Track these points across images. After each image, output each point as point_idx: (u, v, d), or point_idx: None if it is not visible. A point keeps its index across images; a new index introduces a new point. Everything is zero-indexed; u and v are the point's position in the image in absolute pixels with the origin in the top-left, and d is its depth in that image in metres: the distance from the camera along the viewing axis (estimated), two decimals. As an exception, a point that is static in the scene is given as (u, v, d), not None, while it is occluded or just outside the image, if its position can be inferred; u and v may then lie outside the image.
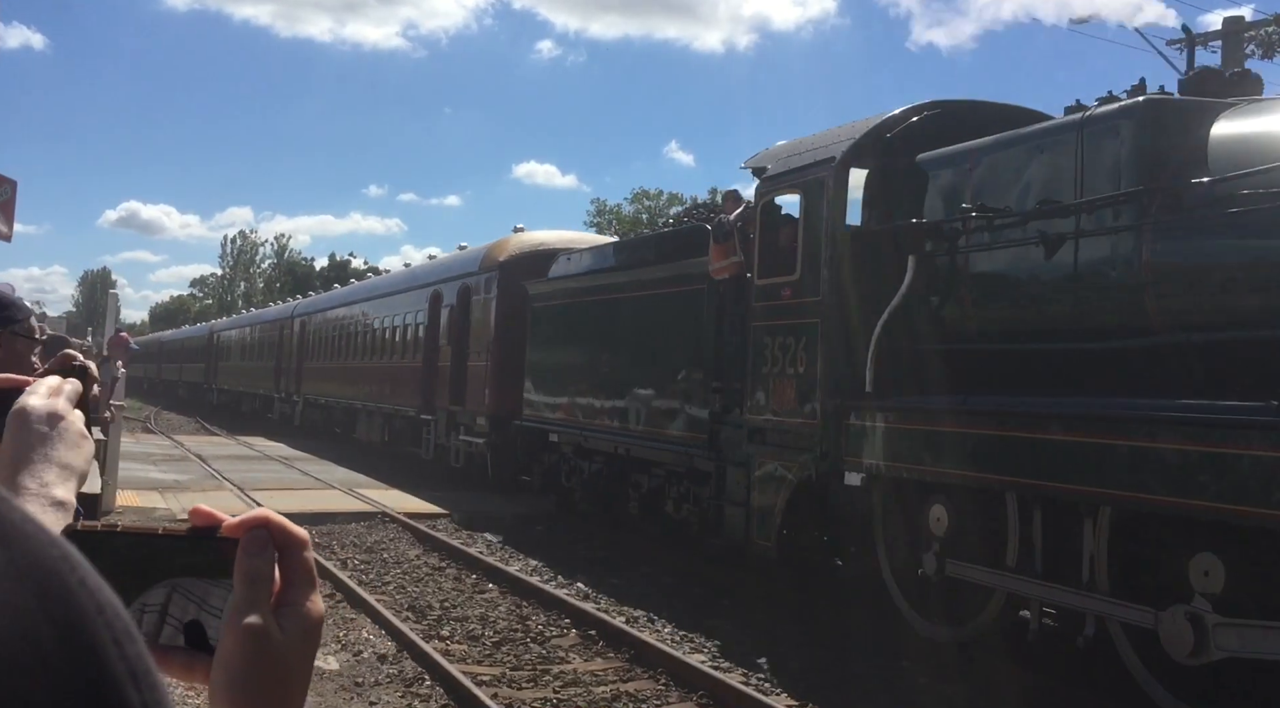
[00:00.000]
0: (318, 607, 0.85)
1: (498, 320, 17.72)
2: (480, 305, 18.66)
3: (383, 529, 14.16)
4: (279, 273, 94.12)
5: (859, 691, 7.60)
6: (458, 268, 20.59)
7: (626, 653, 8.36)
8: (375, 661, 8.04)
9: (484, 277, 18.63)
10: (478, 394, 17.91)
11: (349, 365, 27.35)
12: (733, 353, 10.99)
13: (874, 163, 9.54)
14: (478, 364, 18.17)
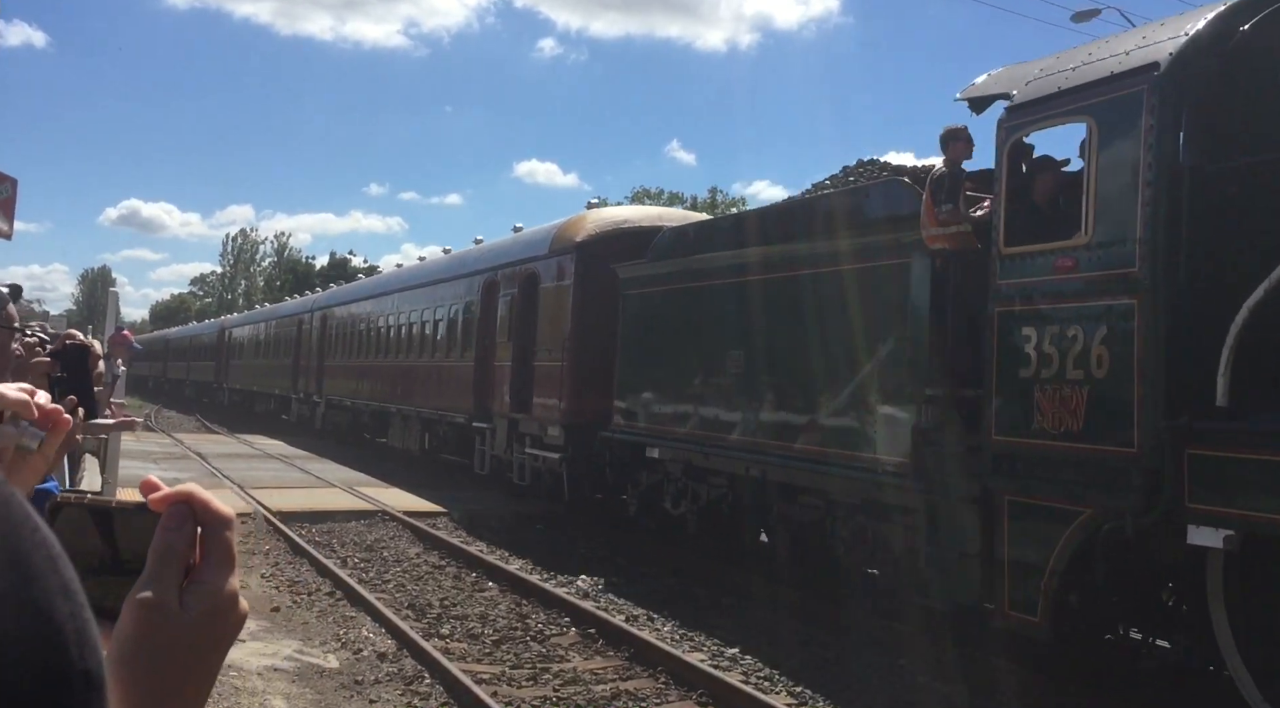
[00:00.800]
0: (232, 589, 0.81)
1: (576, 312, 14.84)
2: (551, 295, 15.65)
3: (383, 527, 14.17)
4: (279, 271, 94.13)
5: (858, 689, 7.62)
6: (519, 251, 17.54)
7: (626, 652, 8.37)
8: (375, 659, 8.05)
9: (555, 260, 15.65)
10: (549, 400, 15.06)
11: (381, 364, 24.62)
12: (956, 349, 8.14)
13: (1212, 71, 6.74)
14: (549, 364, 15.25)
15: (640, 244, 13.91)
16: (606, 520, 14.08)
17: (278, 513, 14.39)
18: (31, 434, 1.25)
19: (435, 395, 20.45)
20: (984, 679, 7.64)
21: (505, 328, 17.25)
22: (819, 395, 9.72)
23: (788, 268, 10.42)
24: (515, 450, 16.17)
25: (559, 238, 15.89)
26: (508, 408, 16.52)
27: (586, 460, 14.26)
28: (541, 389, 15.41)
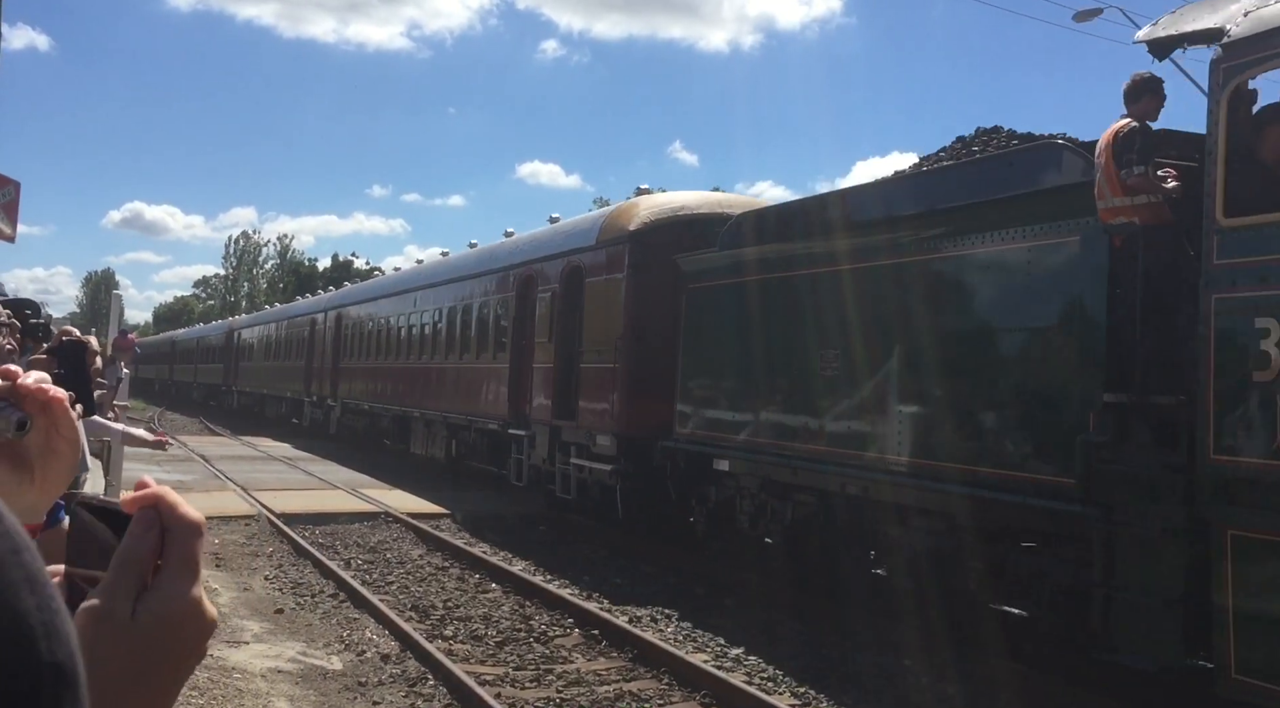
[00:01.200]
0: (191, 599, 0.76)
1: (630, 308, 13.29)
2: (600, 290, 14.12)
3: (386, 529, 14.18)
4: (282, 273, 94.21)
5: (861, 690, 7.62)
6: (561, 243, 15.92)
7: (629, 653, 8.37)
8: (379, 660, 8.05)
9: (604, 252, 14.16)
10: (600, 406, 13.61)
11: (402, 366, 22.94)
12: (1153, 346, 6.66)
13: None
14: (599, 367, 13.73)
15: (699, 233, 12.83)
16: (666, 540, 12.81)
17: (281, 515, 14.39)
18: (5, 414, 1.08)
19: (464, 400, 18.99)
20: (987, 680, 7.64)
21: (545, 327, 15.59)
22: (946, 401, 8.22)
23: (905, 252, 8.88)
24: (559, 461, 14.68)
25: (609, 227, 14.34)
26: (549, 414, 15.02)
27: (643, 473, 12.81)
28: (590, 394, 13.95)
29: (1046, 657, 7.83)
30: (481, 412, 17.96)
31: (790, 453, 10.02)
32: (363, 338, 26.56)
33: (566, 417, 14.56)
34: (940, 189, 9.05)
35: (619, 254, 13.75)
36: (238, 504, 15.44)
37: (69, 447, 1.12)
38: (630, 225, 13.78)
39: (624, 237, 13.75)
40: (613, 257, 13.91)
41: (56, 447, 1.11)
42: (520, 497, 16.98)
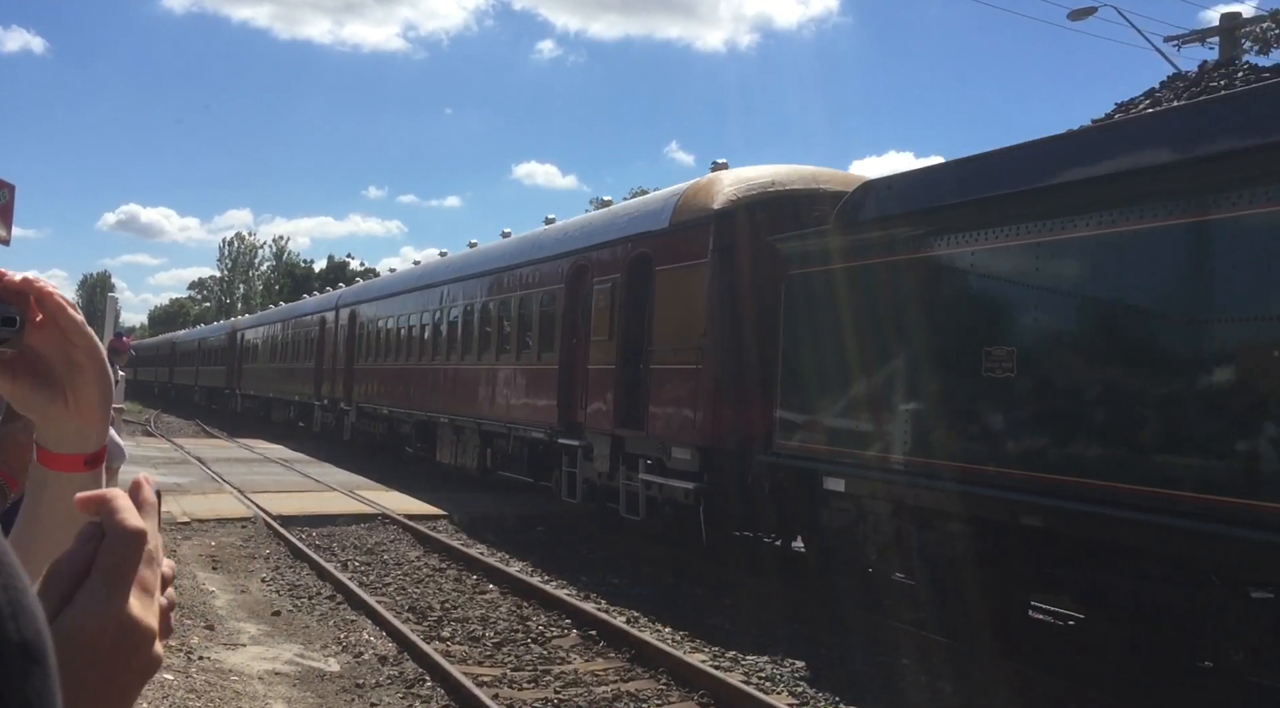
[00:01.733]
0: (110, 615, 0.69)
1: (717, 299, 11.46)
2: (677, 279, 12.24)
3: (383, 531, 14.17)
4: (278, 275, 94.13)
5: (859, 689, 7.62)
6: (624, 227, 14.00)
7: (627, 653, 8.37)
8: (376, 662, 8.05)
9: (682, 235, 12.30)
10: (677, 413, 11.86)
11: (427, 368, 21.04)
12: None
13: None
14: (676, 368, 11.93)
15: (794, 212, 11.15)
16: (757, 571, 10.96)
17: (278, 517, 14.38)
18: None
19: (501, 405, 17.08)
20: (985, 679, 7.65)
21: (604, 322, 13.72)
22: (1182, 412, 6.46)
23: (1127, 219, 6.91)
24: (622, 475, 12.96)
25: (687, 207, 12.49)
26: (610, 422, 13.26)
27: (733, 492, 11.09)
28: (663, 399, 12.16)
29: (1044, 654, 7.84)
30: (524, 418, 16.11)
31: (937, 473, 8.13)
32: (381, 337, 24.76)
33: (632, 425, 12.84)
34: (1210, 128, 6.79)
35: (700, 237, 11.90)
36: (234, 506, 15.42)
37: (89, 358, 1.05)
38: (714, 203, 11.90)
39: (707, 216, 11.88)
40: (692, 240, 12.06)
41: (76, 358, 1.04)
42: (518, 499, 16.97)
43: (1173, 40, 20.69)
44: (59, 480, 1.07)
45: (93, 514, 0.74)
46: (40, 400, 1.05)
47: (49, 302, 1.02)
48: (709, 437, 11.31)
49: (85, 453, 1.08)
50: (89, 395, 1.06)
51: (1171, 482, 6.42)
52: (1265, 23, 21.43)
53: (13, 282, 1.00)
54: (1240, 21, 20.02)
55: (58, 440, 1.07)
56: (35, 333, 1.02)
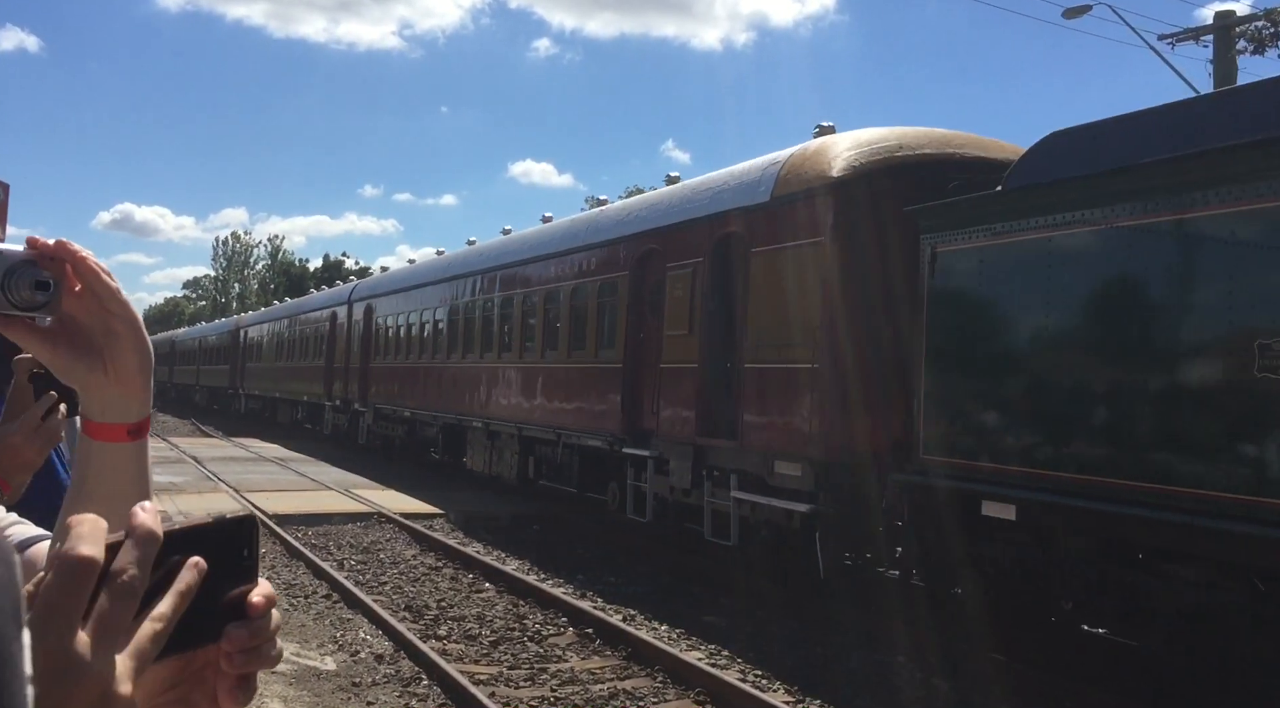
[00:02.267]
0: (57, 656, 0.63)
1: (838, 284, 9.67)
2: (781, 261, 10.40)
3: (379, 530, 14.17)
4: (273, 274, 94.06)
5: (855, 686, 7.64)
6: (706, 203, 12.05)
7: (624, 651, 8.38)
8: (372, 661, 8.05)
9: (789, 210, 10.40)
10: (783, 420, 10.10)
11: (457, 366, 19.27)
12: None
13: None
14: (783, 367, 10.16)
15: (927, 181, 9.38)
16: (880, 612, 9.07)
17: (273, 516, 14.37)
18: (24, 276, 0.98)
19: (548, 408, 15.29)
20: (980, 676, 7.67)
21: (682, 314, 11.95)
22: None
23: None
24: (708, 492, 11.22)
25: (793, 177, 10.53)
26: (691, 430, 11.56)
27: (858, 517, 9.50)
28: (763, 404, 10.42)
29: (1040, 652, 7.85)
30: (576, 423, 14.35)
31: (1172, 502, 6.44)
32: (402, 333, 22.91)
33: (720, 434, 11.18)
34: None
35: (814, 211, 10.07)
36: (229, 506, 15.40)
37: (127, 326, 1.05)
38: (832, 170, 10.03)
39: (822, 187, 10.01)
40: (802, 215, 10.21)
41: (113, 327, 1.04)
42: (514, 497, 16.95)
43: (1167, 39, 20.73)
44: (104, 451, 1.08)
45: (57, 537, 0.71)
46: (81, 369, 1.05)
47: (83, 266, 1.01)
48: (826, 449, 9.55)
49: (128, 423, 1.09)
50: (128, 363, 1.06)
51: None
52: (1260, 22, 21.48)
53: (47, 246, 1.00)
54: (1233, 20, 20.06)
55: (101, 410, 1.08)
56: (73, 301, 1.02)
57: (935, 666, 7.93)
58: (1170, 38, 20.66)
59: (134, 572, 0.68)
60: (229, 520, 0.76)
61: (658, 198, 14.16)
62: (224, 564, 0.75)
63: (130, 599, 0.67)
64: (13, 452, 1.72)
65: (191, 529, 0.74)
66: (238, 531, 0.76)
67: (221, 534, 0.75)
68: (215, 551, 0.74)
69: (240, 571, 0.76)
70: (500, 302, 17.65)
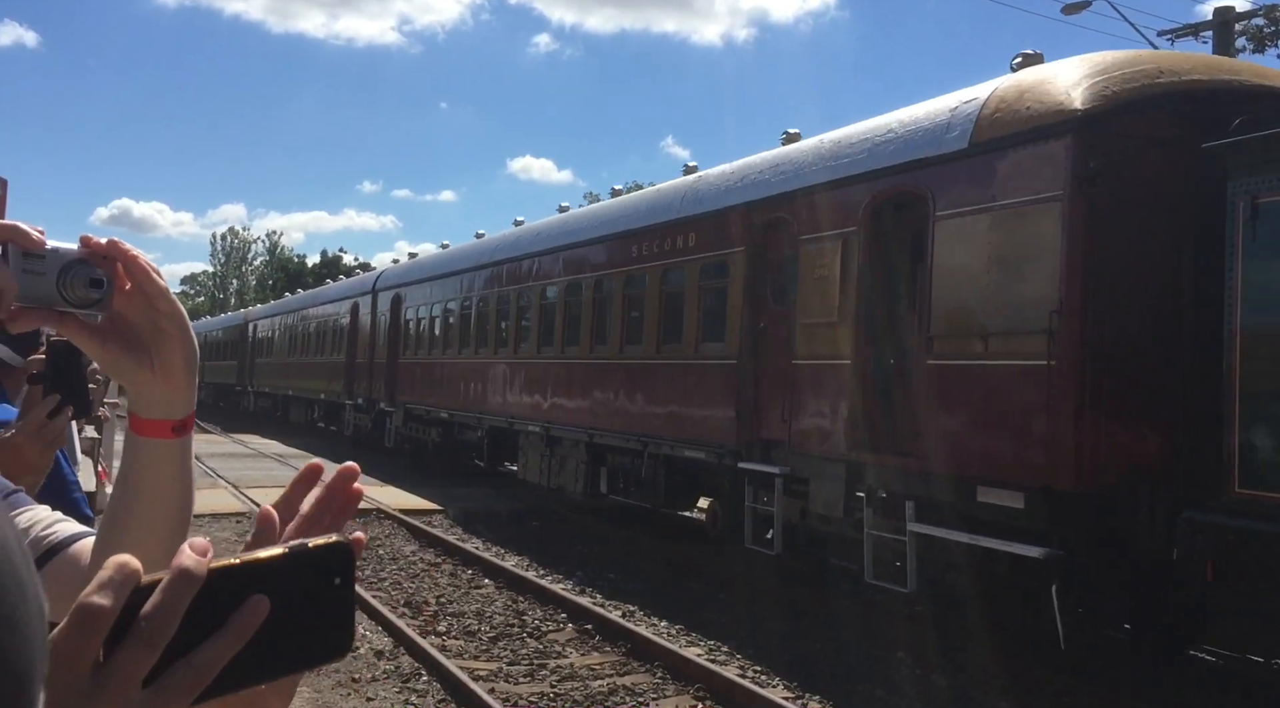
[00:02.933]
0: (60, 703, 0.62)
1: (1085, 251, 7.41)
2: (988, 228, 8.04)
3: (378, 526, 14.17)
4: (271, 270, 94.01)
5: (854, 681, 7.65)
6: (864, 158, 9.71)
7: (623, 647, 8.39)
8: (372, 657, 8.05)
9: (996, 159, 8.16)
10: (994, 432, 7.93)
11: (506, 362, 17.07)
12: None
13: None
14: (997, 364, 7.98)
15: (1201, 117, 7.45)
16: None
17: (272, 512, 14.36)
18: (79, 275, 1.00)
19: (629, 411, 13.19)
20: (978, 670, 7.68)
21: (829, 297, 9.70)
22: None
23: None
24: (870, 523, 9.00)
25: (1006, 114, 8.19)
26: (843, 443, 9.41)
27: (1118, 566, 7.34)
28: (959, 409, 8.24)
29: (1037, 649, 7.86)
30: (669, 431, 12.25)
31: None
32: (438, 325, 20.83)
33: (886, 448, 9.07)
34: None
35: (1047, 158, 7.74)
36: (229, 502, 15.41)
37: (174, 325, 1.07)
38: (1073, 102, 7.70)
39: (1059, 123, 7.69)
40: (1026, 164, 7.90)
41: (161, 325, 1.06)
42: (512, 494, 16.92)
43: (1166, 34, 20.70)
44: (149, 447, 1.12)
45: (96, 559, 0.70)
46: (128, 365, 1.08)
47: (134, 266, 1.04)
48: (1067, 472, 7.30)
49: (173, 419, 1.12)
50: (174, 362, 1.09)
51: None
52: (1260, 18, 21.47)
53: (99, 245, 1.03)
54: (1233, 15, 20.05)
55: (147, 406, 1.11)
56: (122, 299, 1.05)
57: (935, 662, 7.94)
58: (1170, 33, 20.65)
59: (157, 619, 0.65)
60: (311, 549, 0.72)
61: (783, 156, 11.38)
62: (309, 594, 0.71)
63: (147, 648, 0.65)
64: (15, 452, 1.71)
65: (263, 562, 0.70)
66: (327, 558, 0.72)
67: (305, 562, 0.71)
68: (297, 579, 0.70)
69: (331, 601, 0.72)
70: (564, 288, 15.40)
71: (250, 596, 0.68)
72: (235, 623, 0.67)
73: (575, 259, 15.32)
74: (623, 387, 13.49)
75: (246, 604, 0.68)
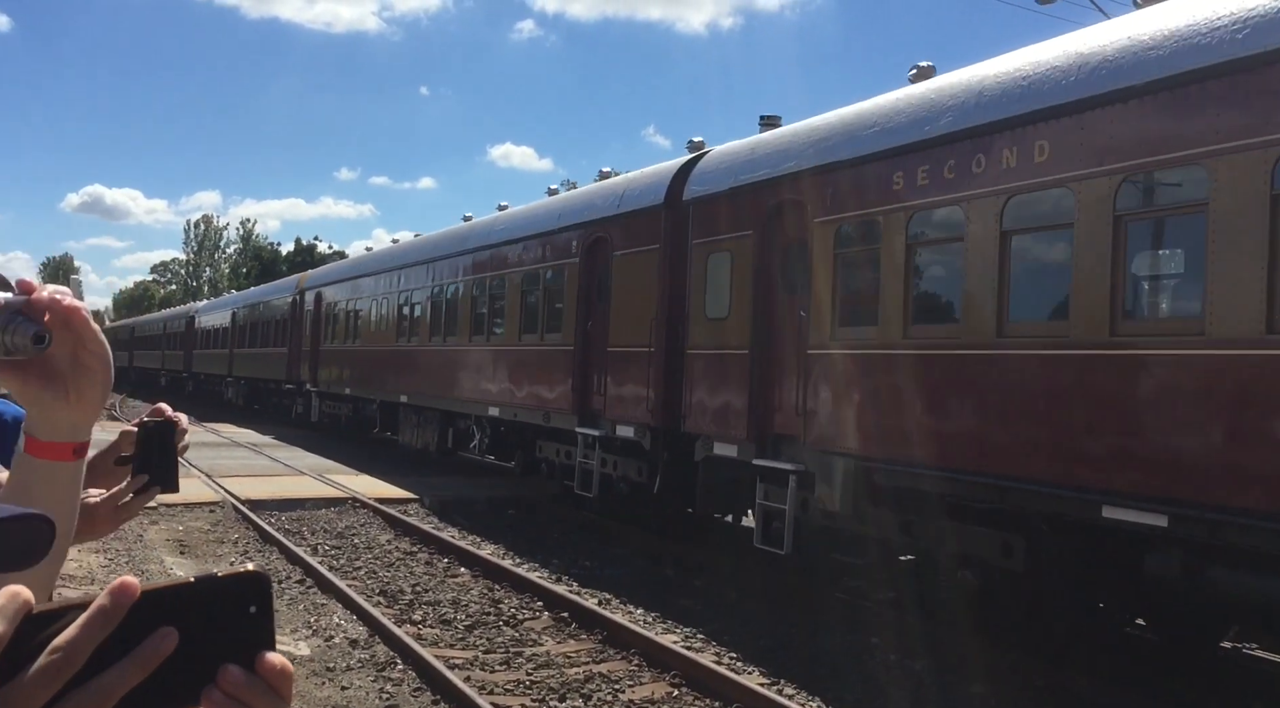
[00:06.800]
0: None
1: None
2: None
3: (353, 515, 14.11)
4: (245, 258, 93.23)
5: (829, 667, 7.69)
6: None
7: (599, 634, 8.40)
8: (347, 646, 8.03)
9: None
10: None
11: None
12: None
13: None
14: None
15: None
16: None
17: (246, 501, 14.28)
18: (22, 328, 1.02)
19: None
20: (953, 657, 7.74)
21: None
22: None
23: None
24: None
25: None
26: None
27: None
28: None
29: (1011, 633, 7.93)
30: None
31: None
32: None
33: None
34: None
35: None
36: (202, 491, 15.30)
37: (98, 362, 1.10)
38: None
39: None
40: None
41: (85, 362, 1.09)
42: (488, 482, 16.89)
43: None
44: (48, 468, 1.12)
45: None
46: (47, 397, 1.09)
47: (75, 319, 1.07)
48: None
49: (76, 442, 1.13)
50: (93, 394, 1.11)
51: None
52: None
53: (41, 299, 1.05)
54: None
55: (50, 430, 1.11)
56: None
57: (910, 647, 8.00)
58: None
59: (67, 651, 0.66)
60: (222, 579, 0.72)
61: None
62: (222, 623, 0.71)
63: (52, 678, 0.65)
64: (87, 518, 1.67)
65: (178, 588, 0.70)
66: (240, 587, 0.72)
67: (216, 592, 0.71)
68: (208, 609, 0.71)
69: (247, 629, 0.72)
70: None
71: (159, 626, 0.68)
72: (139, 653, 0.68)
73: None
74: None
75: (154, 635, 0.68)
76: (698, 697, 6.96)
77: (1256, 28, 6.10)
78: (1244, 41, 6.14)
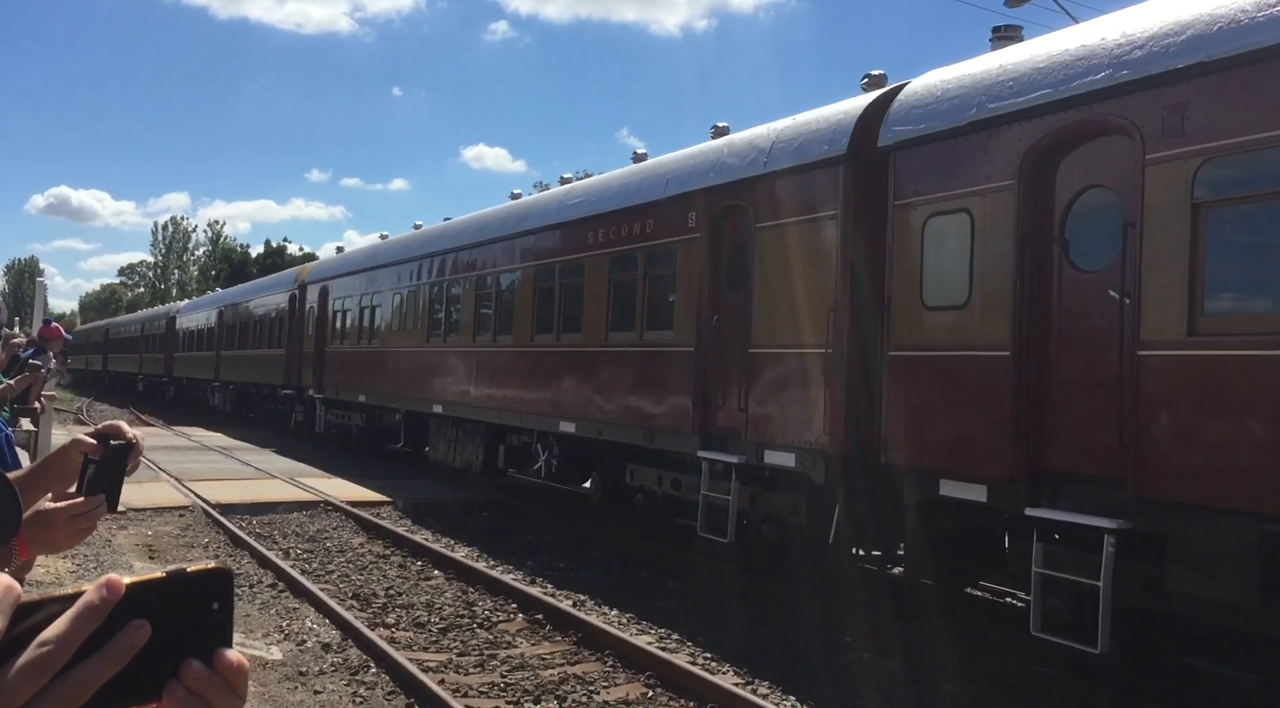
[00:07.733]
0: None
1: None
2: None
3: (325, 518, 14.01)
4: (214, 260, 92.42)
5: (803, 667, 7.72)
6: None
7: (573, 636, 8.39)
8: (319, 650, 7.97)
9: None
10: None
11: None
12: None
13: None
14: None
15: None
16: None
17: (216, 505, 14.15)
18: None
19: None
20: (926, 654, 7.79)
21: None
22: None
23: None
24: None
25: None
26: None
27: None
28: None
29: (987, 631, 8.00)
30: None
31: None
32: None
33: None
34: None
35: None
36: (171, 495, 15.14)
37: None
38: None
39: None
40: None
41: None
42: (460, 485, 16.82)
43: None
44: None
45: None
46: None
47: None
48: None
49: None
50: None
51: None
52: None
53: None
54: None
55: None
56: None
57: (885, 645, 8.05)
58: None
59: (55, 646, 0.67)
60: (190, 574, 0.74)
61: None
62: (187, 618, 0.73)
63: (40, 672, 0.67)
64: (48, 524, 1.69)
65: (150, 583, 0.72)
66: (206, 583, 0.74)
67: (184, 587, 0.73)
68: (176, 603, 0.72)
69: (209, 625, 0.74)
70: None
71: (130, 619, 0.70)
72: (115, 645, 0.69)
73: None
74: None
75: (127, 628, 0.69)
76: (672, 697, 6.97)
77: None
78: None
